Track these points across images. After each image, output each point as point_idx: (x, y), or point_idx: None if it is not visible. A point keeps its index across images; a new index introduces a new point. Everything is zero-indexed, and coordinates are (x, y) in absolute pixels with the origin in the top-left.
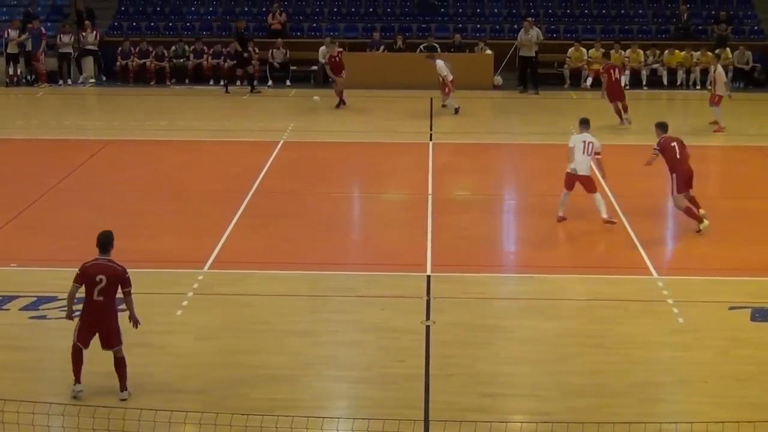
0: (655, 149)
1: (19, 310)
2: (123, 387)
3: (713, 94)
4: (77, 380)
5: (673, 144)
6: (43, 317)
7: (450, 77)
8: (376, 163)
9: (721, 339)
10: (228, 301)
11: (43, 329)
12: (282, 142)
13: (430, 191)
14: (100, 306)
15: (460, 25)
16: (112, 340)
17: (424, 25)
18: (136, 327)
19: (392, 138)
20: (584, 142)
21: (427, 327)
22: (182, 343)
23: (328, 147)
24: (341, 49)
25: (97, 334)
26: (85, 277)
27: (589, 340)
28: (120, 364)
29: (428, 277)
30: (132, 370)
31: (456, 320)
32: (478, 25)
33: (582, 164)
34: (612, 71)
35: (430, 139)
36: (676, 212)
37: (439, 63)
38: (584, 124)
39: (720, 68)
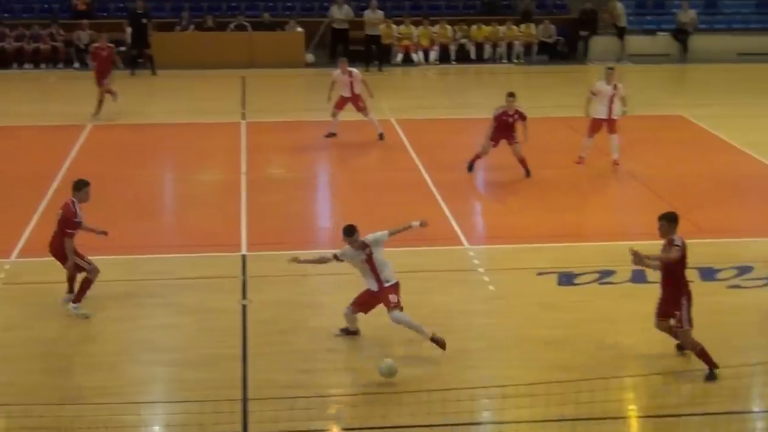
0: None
1: None
2: None
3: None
4: None
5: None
6: None
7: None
8: (189, 144)
9: (530, 304)
10: (37, 290)
11: None
12: (90, 125)
13: (243, 171)
14: None
15: (270, 3)
16: None
17: (234, 4)
18: None
19: (204, 118)
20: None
21: (244, 306)
22: None
23: (138, 129)
24: (111, 45)
25: None
26: None
27: (406, 311)
28: None
29: (243, 256)
30: None
31: (273, 298)
32: (288, 3)
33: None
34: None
35: (243, 118)
36: (484, 184)
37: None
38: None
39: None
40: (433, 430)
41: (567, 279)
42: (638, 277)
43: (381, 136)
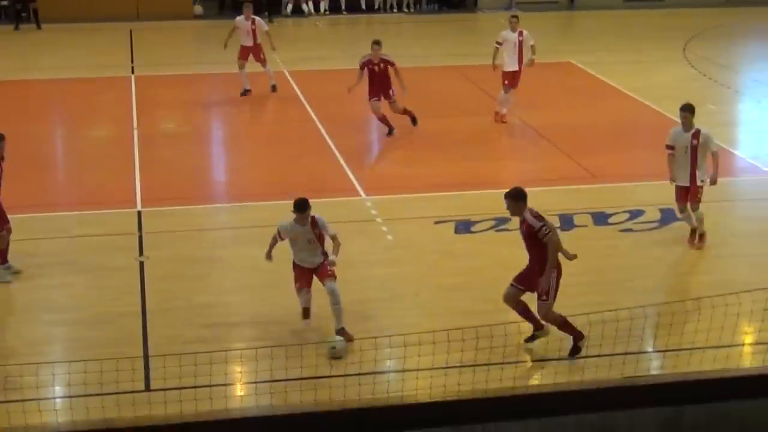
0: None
1: None
2: None
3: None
4: None
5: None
6: None
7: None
8: (78, 100)
9: (429, 253)
10: None
11: None
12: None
13: (135, 126)
14: None
15: None
16: None
17: None
18: None
19: (93, 73)
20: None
21: (141, 263)
22: None
23: (25, 85)
24: None
25: None
26: None
27: None
28: None
29: (139, 212)
30: None
31: (170, 254)
32: None
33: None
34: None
35: (132, 72)
36: (379, 136)
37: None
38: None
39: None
40: (336, 380)
41: (464, 227)
42: None
43: (274, 88)
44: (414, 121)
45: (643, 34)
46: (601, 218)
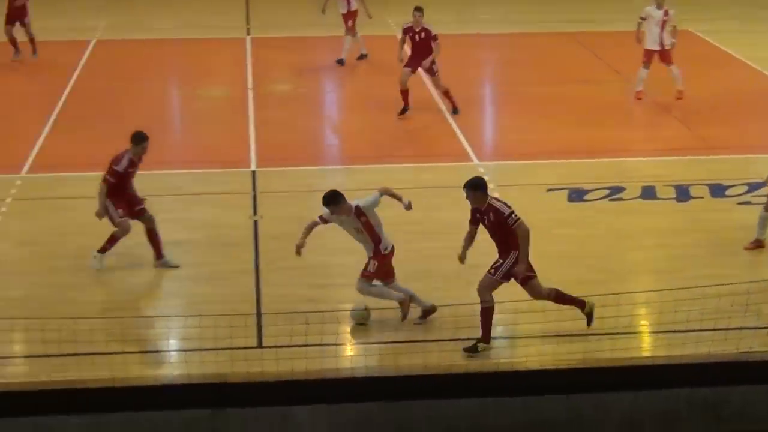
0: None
1: None
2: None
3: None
4: None
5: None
6: None
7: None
8: (194, 60)
9: (540, 220)
10: (48, 206)
11: None
12: (95, 40)
13: (250, 87)
14: None
15: None
16: None
17: None
18: None
19: (209, 33)
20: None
21: (255, 222)
22: (2, 250)
23: (143, 44)
24: None
25: None
26: None
27: (415, 227)
28: None
29: (253, 172)
30: None
31: (283, 214)
32: None
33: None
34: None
35: (248, 34)
36: (493, 101)
37: None
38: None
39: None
40: (445, 344)
41: (577, 195)
42: (648, 194)
43: (362, 57)
44: (455, 110)
45: (765, 2)
46: (718, 190)
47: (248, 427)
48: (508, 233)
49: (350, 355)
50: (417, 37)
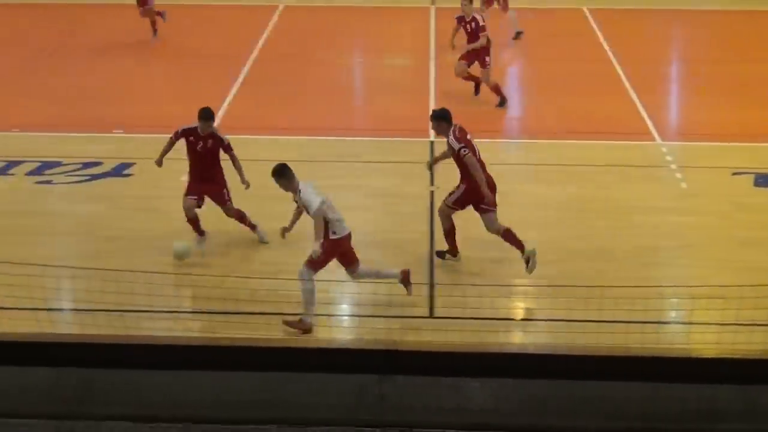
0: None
1: (25, 175)
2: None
3: None
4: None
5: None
6: (49, 182)
7: None
8: (378, 28)
9: (724, 204)
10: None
11: (49, 194)
12: (282, 6)
13: (432, 57)
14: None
15: None
16: None
17: None
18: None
19: (393, 2)
20: None
21: (432, 192)
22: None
23: (329, 11)
24: None
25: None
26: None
27: (592, 205)
28: None
29: (431, 142)
30: (135, 234)
31: None
32: None
33: None
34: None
35: (433, 3)
36: (679, 78)
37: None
38: None
39: None
40: (618, 326)
41: (764, 180)
42: None
43: (518, 35)
44: (502, 102)
45: None
46: None
47: (416, 394)
48: (462, 165)
49: (521, 332)
50: (468, 27)
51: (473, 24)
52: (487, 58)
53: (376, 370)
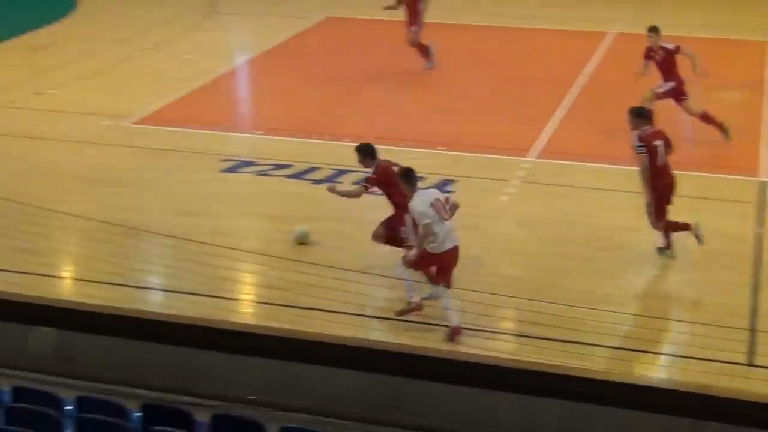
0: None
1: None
2: None
3: None
4: None
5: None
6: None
7: None
8: (709, 60)
9: None
10: (552, 192)
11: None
12: (614, 33)
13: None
14: None
15: None
16: None
17: None
18: None
19: (726, 34)
20: None
21: (758, 234)
22: (505, 230)
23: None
24: None
25: None
26: None
27: None
28: None
29: (763, 182)
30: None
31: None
32: None
33: None
34: None
35: None
36: None
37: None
38: None
39: None
40: None
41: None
42: None
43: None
44: (723, 131)
45: None
46: None
47: None
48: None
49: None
50: (657, 56)
51: (661, 52)
52: (683, 89)
53: (688, 414)
